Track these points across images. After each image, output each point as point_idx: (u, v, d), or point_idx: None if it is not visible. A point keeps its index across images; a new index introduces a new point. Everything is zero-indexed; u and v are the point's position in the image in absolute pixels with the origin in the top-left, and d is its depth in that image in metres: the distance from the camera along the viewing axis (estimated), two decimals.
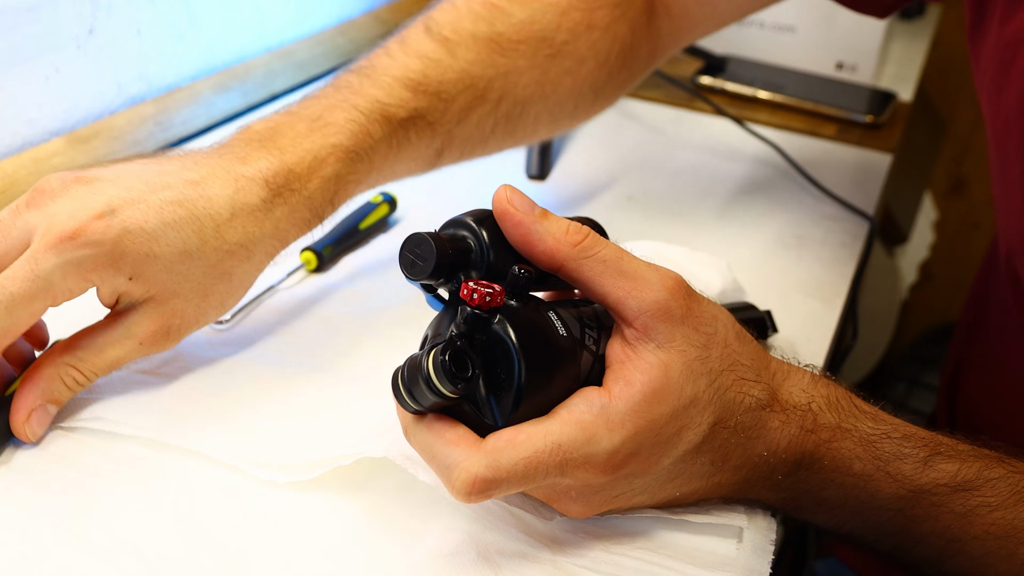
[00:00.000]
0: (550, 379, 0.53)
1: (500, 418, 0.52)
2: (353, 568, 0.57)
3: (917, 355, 1.98)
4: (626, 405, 0.52)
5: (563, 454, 0.51)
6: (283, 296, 0.82)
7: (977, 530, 0.57)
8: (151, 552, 0.57)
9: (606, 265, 0.54)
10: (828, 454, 0.57)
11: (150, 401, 0.68)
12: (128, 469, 0.63)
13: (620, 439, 0.52)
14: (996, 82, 0.77)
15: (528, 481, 0.51)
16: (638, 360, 0.53)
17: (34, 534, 0.57)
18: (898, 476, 0.57)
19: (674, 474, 0.55)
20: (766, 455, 0.56)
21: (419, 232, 0.53)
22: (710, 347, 0.55)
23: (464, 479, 0.50)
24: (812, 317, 0.87)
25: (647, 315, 0.53)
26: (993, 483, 0.57)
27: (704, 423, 0.54)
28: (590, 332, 0.56)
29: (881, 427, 0.58)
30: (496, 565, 0.57)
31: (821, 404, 0.58)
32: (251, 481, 0.62)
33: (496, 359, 0.52)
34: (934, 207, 1.91)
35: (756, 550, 0.59)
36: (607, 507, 0.56)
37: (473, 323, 0.51)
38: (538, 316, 0.53)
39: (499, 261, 0.54)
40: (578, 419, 0.52)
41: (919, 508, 0.57)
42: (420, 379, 0.50)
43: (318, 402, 0.70)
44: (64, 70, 0.97)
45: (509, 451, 0.50)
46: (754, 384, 0.56)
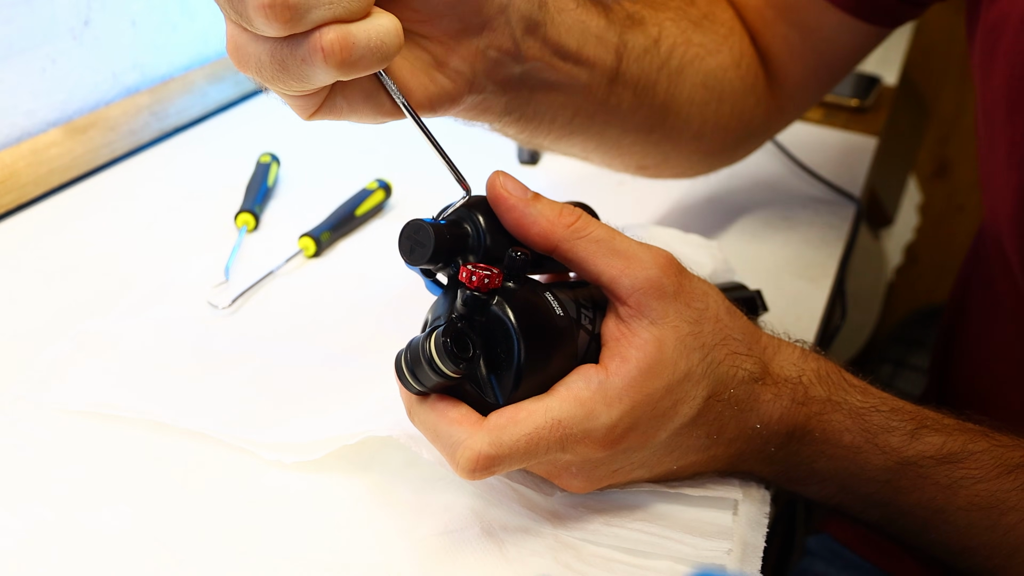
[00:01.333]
0: (549, 357, 0.54)
1: (501, 396, 0.53)
2: (359, 545, 0.58)
3: (903, 337, 2.00)
4: (623, 380, 0.53)
5: (563, 430, 0.52)
6: (282, 281, 0.84)
7: (961, 501, 0.59)
8: (161, 532, 0.58)
9: (599, 245, 0.55)
10: (819, 426, 0.59)
11: (155, 385, 0.69)
12: (135, 451, 0.64)
13: (618, 414, 0.53)
14: (983, 65, 0.79)
15: (530, 457, 0.52)
16: (633, 337, 0.55)
17: (42, 518, 0.59)
18: (886, 448, 0.58)
19: (671, 447, 0.57)
20: (759, 427, 0.58)
21: (417, 219, 0.54)
22: (702, 322, 0.56)
23: (468, 456, 0.51)
24: (801, 297, 0.89)
25: (640, 292, 0.55)
26: (977, 456, 0.59)
27: (699, 396, 0.55)
28: (586, 312, 0.57)
29: (870, 400, 0.60)
30: (499, 540, 0.59)
31: (811, 377, 0.59)
32: (258, 461, 0.63)
33: (496, 339, 0.53)
34: (919, 190, 1.92)
35: (751, 522, 0.61)
36: (607, 481, 0.58)
37: (473, 305, 0.52)
38: (535, 297, 0.55)
39: (496, 245, 0.55)
40: (576, 395, 0.53)
41: (906, 479, 0.59)
42: (423, 360, 0.51)
43: (321, 383, 0.71)
44: (60, 61, 0.98)
45: (511, 428, 0.52)
46: (746, 358, 0.58)
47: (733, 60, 0.82)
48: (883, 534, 0.65)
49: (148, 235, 0.89)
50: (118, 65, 1.06)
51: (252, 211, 0.91)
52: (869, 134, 1.25)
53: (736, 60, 0.83)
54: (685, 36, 0.78)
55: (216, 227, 0.91)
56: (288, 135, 1.09)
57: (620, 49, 0.70)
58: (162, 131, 1.07)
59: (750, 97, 0.85)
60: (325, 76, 0.47)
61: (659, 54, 0.75)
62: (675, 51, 0.76)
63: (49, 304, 0.78)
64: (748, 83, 0.84)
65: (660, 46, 0.75)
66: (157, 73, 1.11)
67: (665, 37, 0.76)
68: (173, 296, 0.80)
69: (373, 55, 0.47)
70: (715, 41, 0.81)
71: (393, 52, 0.48)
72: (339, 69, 0.46)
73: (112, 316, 0.76)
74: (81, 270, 0.83)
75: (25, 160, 0.91)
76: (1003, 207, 0.78)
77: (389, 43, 0.48)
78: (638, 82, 0.73)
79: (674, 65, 0.76)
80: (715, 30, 0.82)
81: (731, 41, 0.83)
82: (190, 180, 1.00)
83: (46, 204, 0.93)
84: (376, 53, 0.47)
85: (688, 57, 0.78)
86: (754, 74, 0.85)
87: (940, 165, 1.91)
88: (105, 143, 0.99)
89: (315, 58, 0.46)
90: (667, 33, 0.76)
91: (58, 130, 0.96)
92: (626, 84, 0.72)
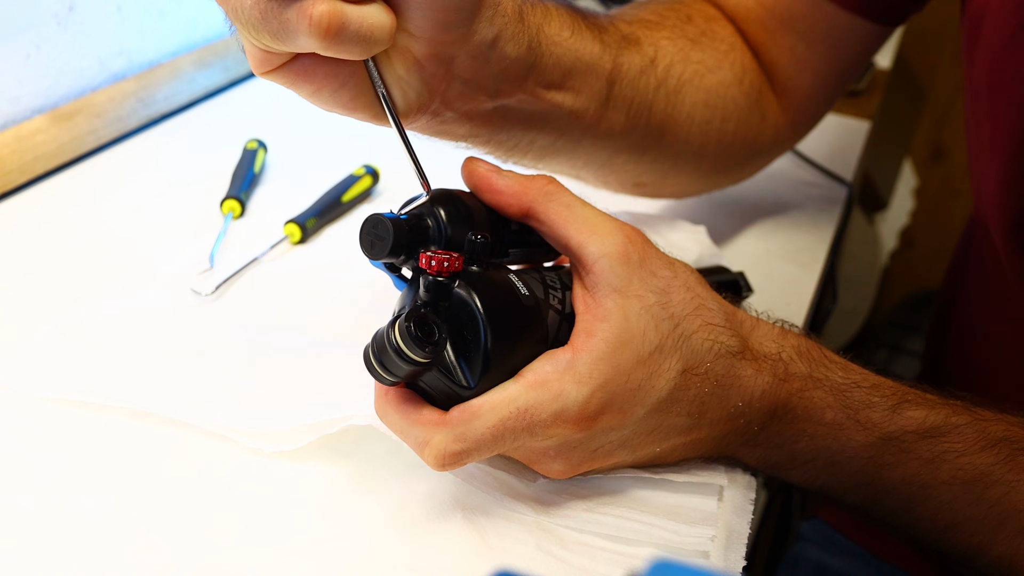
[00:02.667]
0: (516, 336, 0.54)
1: (472, 379, 0.53)
2: (341, 532, 0.58)
3: (898, 321, 2.00)
4: (590, 356, 0.53)
5: (530, 417, 0.52)
6: (266, 267, 0.83)
7: (944, 475, 0.58)
8: (143, 520, 0.58)
9: (570, 210, 0.56)
10: (800, 403, 0.58)
11: (137, 373, 0.69)
12: (117, 439, 0.64)
13: (589, 390, 0.53)
14: (968, 50, 0.79)
15: (499, 446, 0.53)
16: (597, 308, 0.54)
17: (24, 507, 0.58)
18: (867, 424, 0.58)
19: (652, 428, 0.56)
20: (741, 406, 0.57)
21: (375, 213, 0.54)
22: (670, 292, 0.56)
23: (435, 454, 0.52)
24: (791, 281, 0.88)
25: (605, 258, 0.55)
26: (960, 429, 0.59)
27: (673, 369, 0.55)
28: (554, 292, 0.57)
29: (851, 376, 0.60)
30: (481, 527, 0.59)
31: (792, 354, 0.59)
32: (240, 449, 0.63)
33: (461, 323, 0.53)
34: (914, 174, 1.92)
35: (736, 509, 0.60)
36: (588, 464, 0.57)
37: (435, 290, 0.52)
38: (499, 278, 0.55)
39: (457, 236, 0.55)
40: (543, 380, 0.53)
41: (888, 455, 0.58)
42: (390, 350, 0.50)
43: (304, 370, 0.70)
44: (45, 47, 0.98)
45: (474, 422, 0.52)
46: (723, 330, 0.57)
47: (735, 77, 0.81)
48: (869, 518, 0.64)
49: (134, 222, 0.89)
50: (104, 51, 1.05)
51: (238, 198, 0.90)
52: (862, 118, 1.24)
53: (738, 76, 0.82)
54: (683, 54, 0.77)
55: (202, 214, 0.91)
56: (275, 122, 1.09)
57: (614, 73, 0.69)
58: (149, 118, 1.06)
59: (755, 114, 0.84)
60: (304, 43, 0.47)
61: (655, 74, 0.74)
62: (672, 69, 0.75)
63: (34, 292, 0.77)
64: (752, 99, 0.83)
65: (657, 66, 0.74)
66: (144, 59, 1.11)
67: (662, 56, 0.75)
68: (157, 283, 0.79)
69: (358, 41, 0.47)
70: (715, 58, 0.80)
71: (378, 45, 0.49)
72: (320, 42, 0.46)
73: (96, 304, 0.76)
74: (66, 257, 0.82)
75: (10, 147, 0.90)
76: (987, 191, 0.78)
77: (378, 36, 0.48)
78: (631, 104, 0.72)
79: (672, 84, 0.75)
80: (715, 47, 0.81)
81: (732, 57, 0.82)
82: (177, 167, 0.99)
83: (31, 192, 0.92)
84: (362, 40, 0.47)
85: (687, 75, 0.77)
86: (758, 90, 0.84)
87: (936, 149, 1.90)
88: (91, 130, 0.99)
89: (300, 24, 0.46)
90: (664, 52, 0.75)
91: (43, 117, 0.95)
92: (618, 107, 0.71)
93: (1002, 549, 0.59)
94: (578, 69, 0.65)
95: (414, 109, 0.56)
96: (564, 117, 0.67)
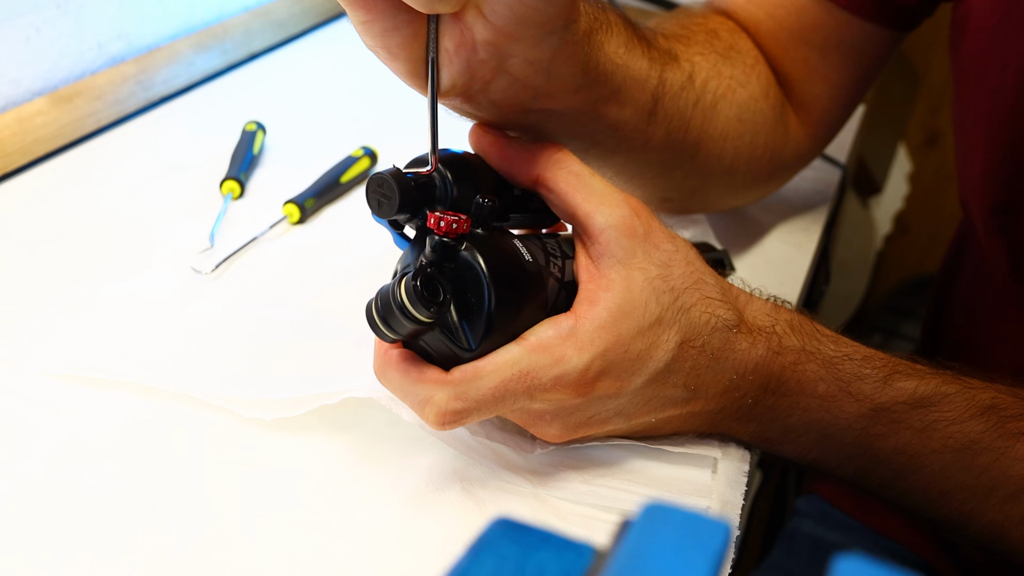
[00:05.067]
0: (519, 301, 0.55)
1: (473, 341, 0.54)
2: (340, 503, 0.59)
3: (893, 306, 2.01)
4: (592, 324, 0.54)
5: (531, 379, 0.53)
6: (265, 247, 0.84)
7: (935, 444, 0.59)
8: (144, 492, 0.59)
9: (578, 179, 0.57)
10: (793, 376, 0.59)
11: (137, 348, 0.70)
12: (118, 412, 0.64)
13: (590, 357, 0.54)
14: (954, 40, 0.80)
15: (499, 407, 0.54)
16: (601, 278, 0.55)
17: (21, 476, 0.59)
18: (859, 396, 0.59)
19: (648, 397, 0.57)
20: (735, 378, 0.58)
21: (381, 172, 0.54)
22: (671, 265, 0.57)
23: (436, 412, 0.53)
24: (785, 261, 0.89)
25: (611, 229, 0.56)
26: (950, 398, 0.59)
27: (671, 341, 0.56)
28: (554, 260, 0.58)
29: (843, 349, 0.61)
30: (479, 498, 0.59)
31: (785, 328, 0.60)
32: (240, 421, 0.64)
33: (466, 285, 0.53)
34: (908, 159, 1.93)
35: (730, 481, 0.61)
36: (583, 430, 0.58)
37: (441, 251, 0.53)
38: (504, 243, 0.56)
39: (463, 197, 0.55)
40: (546, 344, 0.54)
41: (880, 425, 0.59)
42: (394, 307, 0.51)
43: (302, 345, 0.71)
44: (45, 30, 0.98)
45: (476, 383, 0.53)
46: (720, 304, 0.58)
47: (762, 90, 0.81)
48: (861, 490, 0.65)
49: (134, 203, 0.90)
50: (103, 34, 1.06)
51: (237, 179, 0.91)
52: None
53: (764, 90, 0.82)
54: (716, 69, 0.77)
55: (202, 195, 0.91)
56: (274, 104, 1.09)
57: (659, 89, 0.69)
58: (148, 100, 1.07)
59: (780, 126, 0.84)
60: None
61: (694, 89, 0.74)
62: (708, 85, 0.75)
63: (35, 271, 0.78)
64: (777, 112, 0.83)
65: (694, 81, 0.74)
66: (143, 43, 1.11)
67: (698, 71, 0.75)
68: (158, 262, 0.80)
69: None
70: (744, 72, 0.80)
71: (446, 4, 0.49)
72: None
73: (97, 282, 0.77)
74: (67, 238, 0.83)
75: (10, 129, 0.91)
76: (970, 177, 0.79)
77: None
78: (672, 120, 0.72)
79: (708, 100, 0.75)
80: (742, 61, 0.81)
81: (757, 71, 0.82)
82: (176, 149, 1.00)
83: (32, 173, 0.93)
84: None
85: (721, 91, 0.77)
86: (781, 103, 0.84)
87: (930, 134, 1.91)
88: (91, 112, 0.99)
89: None
90: (699, 68, 0.75)
91: (43, 99, 0.96)
92: (659, 123, 0.70)
93: (993, 515, 0.60)
94: (628, 85, 0.65)
95: (456, 87, 0.55)
96: (605, 128, 0.66)
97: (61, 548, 0.55)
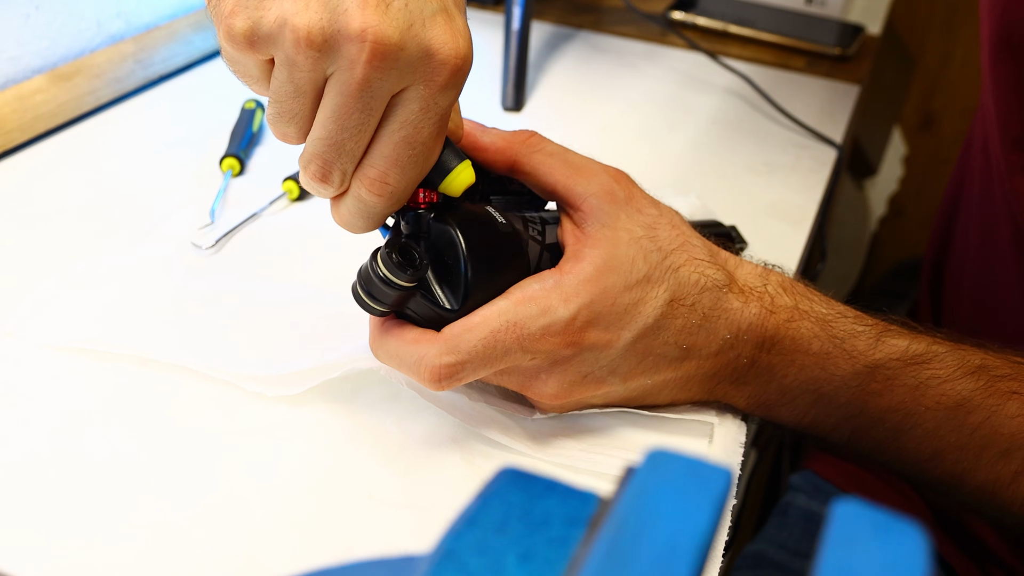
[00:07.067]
0: (496, 261, 0.56)
1: (455, 301, 0.55)
2: (341, 473, 0.60)
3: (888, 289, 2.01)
4: (577, 278, 0.56)
5: (519, 330, 0.55)
6: (266, 222, 0.85)
7: (929, 401, 0.60)
8: (149, 464, 0.59)
9: (554, 158, 0.59)
10: (788, 334, 0.60)
11: (139, 321, 0.70)
12: (120, 385, 0.65)
13: (576, 307, 0.55)
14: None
15: (491, 360, 0.55)
16: (587, 238, 0.57)
17: (28, 450, 0.60)
18: (853, 352, 0.60)
19: (641, 353, 0.58)
20: (729, 338, 0.59)
21: None
22: (657, 227, 0.59)
23: (430, 368, 0.54)
24: (781, 239, 0.90)
25: (593, 197, 0.58)
26: (941, 356, 0.60)
27: (660, 298, 0.57)
28: (533, 225, 0.60)
29: (835, 308, 0.62)
30: (478, 467, 0.60)
31: (776, 288, 0.61)
32: (241, 393, 0.65)
33: (442, 250, 0.55)
34: (903, 142, 1.93)
35: (726, 449, 0.62)
36: (579, 390, 0.59)
37: (414, 223, 0.55)
38: (476, 208, 0.57)
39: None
40: (531, 296, 0.55)
41: (875, 383, 0.60)
42: (374, 279, 0.53)
43: (302, 319, 0.72)
44: (44, 7, 0.99)
45: (466, 336, 0.54)
46: (708, 264, 0.60)
47: None
48: (855, 454, 0.66)
49: (134, 180, 0.90)
50: (102, 13, 1.06)
51: (237, 156, 0.91)
52: (852, 82, 1.26)
53: None
54: None
55: (201, 172, 0.92)
56: None
57: None
58: (147, 79, 1.07)
59: None
60: None
61: None
62: None
63: (36, 247, 0.79)
64: None
65: None
66: (141, 21, 1.12)
67: None
68: (158, 237, 0.81)
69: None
70: None
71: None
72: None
73: (98, 257, 0.77)
74: (67, 215, 0.83)
75: (10, 106, 0.91)
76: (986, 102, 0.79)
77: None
78: None
79: None
80: None
81: None
82: (175, 127, 1.00)
83: (32, 150, 0.93)
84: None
85: None
86: None
87: (925, 117, 1.91)
88: (90, 90, 1.00)
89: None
90: None
91: (43, 77, 0.96)
92: None
93: (984, 475, 0.61)
94: None
95: None
96: None
97: (65, 516, 0.55)
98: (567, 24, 1.39)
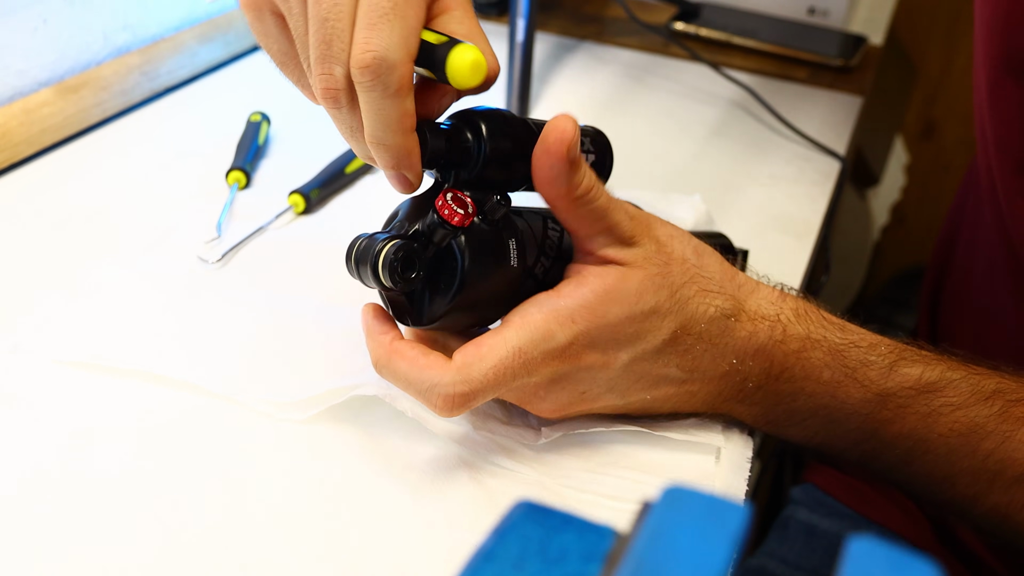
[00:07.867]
0: (482, 302, 0.56)
1: (423, 319, 0.56)
2: (348, 490, 0.60)
3: (890, 297, 2.02)
4: (575, 302, 0.56)
5: (524, 356, 0.55)
6: (271, 236, 0.85)
7: (942, 428, 0.60)
8: (155, 481, 0.60)
9: (594, 213, 0.56)
10: (798, 363, 0.60)
11: (145, 337, 0.71)
12: (126, 401, 0.65)
13: (573, 334, 0.55)
14: None
15: (500, 386, 0.55)
16: (595, 266, 0.57)
17: (33, 467, 0.60)
18: (865, 382, 0.60)
19: (639, 374, 0.59)
20: (735, 363, 0.59)
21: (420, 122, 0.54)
22: (670, 264, 0.58)
23: (443, 396, 0.54)
24: (785, 252, 0.90)
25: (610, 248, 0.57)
26: (955, 384, 0.60)
27: (665, 328, 0.57)
28: (543, 261, 0.59)
29: (849, 336, 0.61)
30: (487, 486, 0.60)
31: (790, 316, 0.61)
32: (247, 412, 0.65)
33: (442, 268, 0.55)
34: (905, 151, 1.94)
35: (733, 468, 0.62)
36: (576, 406, 0.59)
37: (436, 232, 0.54)
38: (497, 243, 0.56)
39: (491, 173, 0.56)
40: (531, 321, 0.55)
41: (886, 411, 0.60)
42: (368, 264, 0.53)
43: (308, 336, 0.72)
44: (52, 21, 0.99)
45: (478, 364, 0.54)
46: (716, 295, 0.59)
47: None
48: (867, 472, 0.66)
49: (140, 193, 0.90)
50: (109, 26, 1.06)
51: (243, 169, 0.92)
52: (855, 93, 1.26)
53: None
54: None
55: (207, 185, 0.92)
56: (278, 95, 1.10)
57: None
58: (153, 91, 1.08)
59: None
60: None
61: None
62: None
63: (43, 260, 0.79)
64: None
65: None
66: (147, 33, 1.12)
67: None
68: (165, 251, 0.81)
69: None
70: None
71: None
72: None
73: (105, 271, 0.77)
74: (74, 226, 0.84)
75: (17, 120, 0.92)
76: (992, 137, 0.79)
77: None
78: None
79: None
80: None
81: None
82: (181, 139, 1.01)
83: (39, 163, 0.94)
84: None
85: None
86: None
87: (927, 126, 1.92)
88: (96, 103, 1.00)
89: None
90: None
91: (50, 90, 0.96)
92: None
93: (997, 498, 0.61)
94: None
95: None
96: None
97: (74, 533, 0.56)
98: (571, 35, 1.39)
